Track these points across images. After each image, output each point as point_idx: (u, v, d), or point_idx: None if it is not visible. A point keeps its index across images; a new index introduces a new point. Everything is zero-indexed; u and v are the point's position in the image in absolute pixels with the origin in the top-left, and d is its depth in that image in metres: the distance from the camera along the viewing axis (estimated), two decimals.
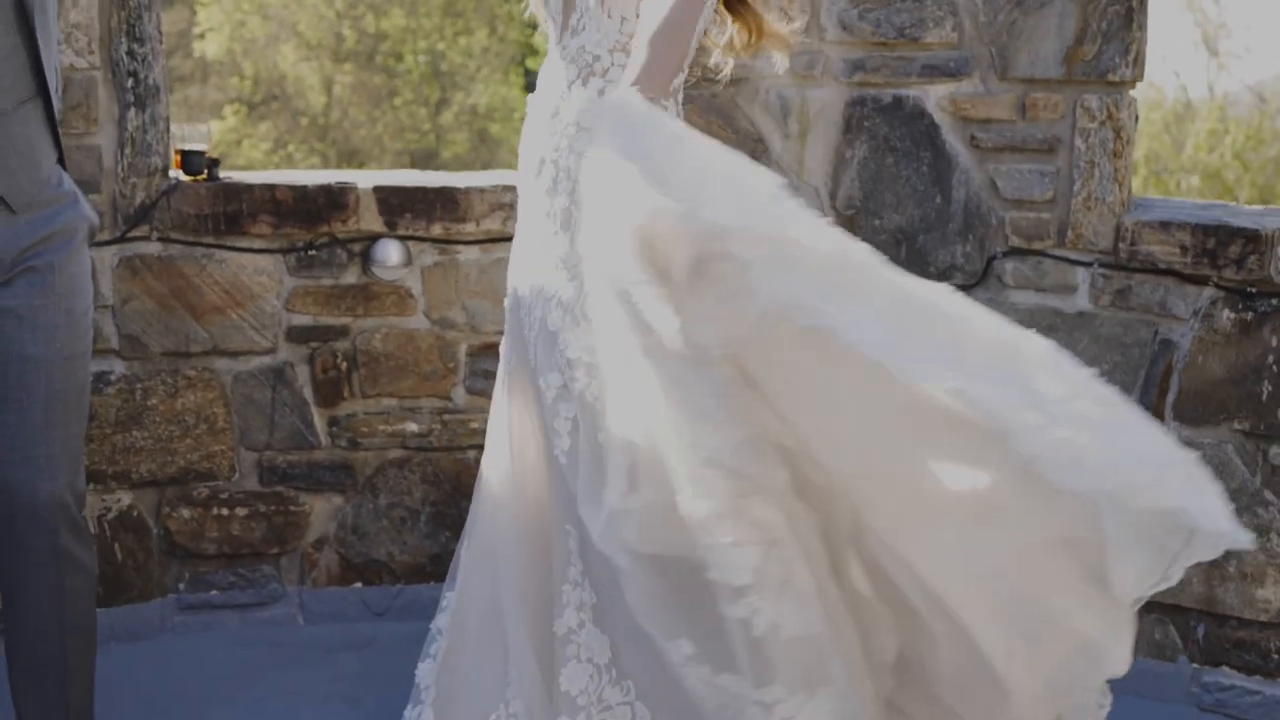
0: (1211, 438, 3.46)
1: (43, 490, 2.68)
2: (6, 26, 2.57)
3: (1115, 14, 3.45)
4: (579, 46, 2.63)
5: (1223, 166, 20.69)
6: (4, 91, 2.57)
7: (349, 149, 25.15)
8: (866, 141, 3.68)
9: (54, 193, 2.69)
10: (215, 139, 23.28)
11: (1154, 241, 3.45)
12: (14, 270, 2.63)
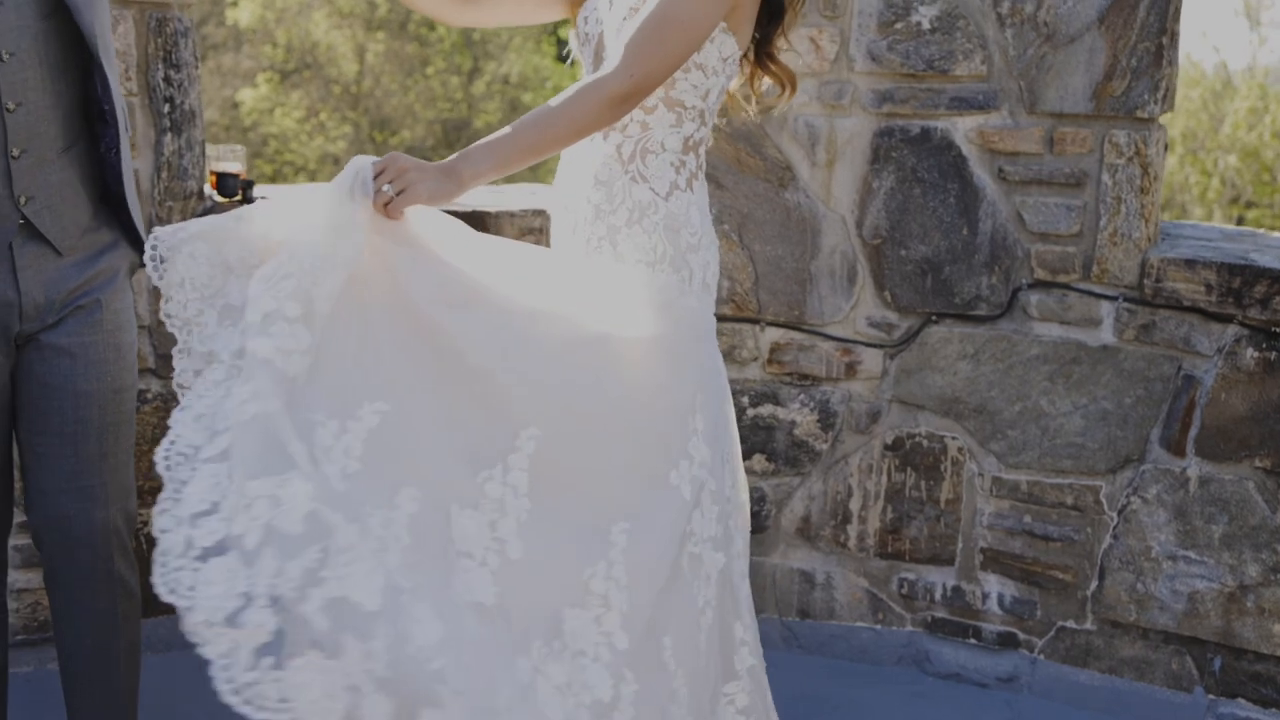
0: (1232, 474, 3.48)
1: (97, 518, 2.76)
2: (54, 73, 2.62)
3: (1145, 50, 3.46)
4: None
5: (1261, 146, 20.52)
6: (50, 139, 2.63)
7: (381, 118, 25.21)
8: (894, 172, 3.70)
9: (97, 233, 2.75)
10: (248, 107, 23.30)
11: (1179, 279, 3.47)
12: (63, 310, 2.69)
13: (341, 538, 1.92)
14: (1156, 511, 3.58)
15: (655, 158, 2.65)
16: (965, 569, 3.82)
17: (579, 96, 2.45)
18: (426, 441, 2.24)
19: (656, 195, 2.64)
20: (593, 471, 2.42)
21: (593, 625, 2.32)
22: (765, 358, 3.89)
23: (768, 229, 3.81)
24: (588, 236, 2.66)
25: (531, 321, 2.41)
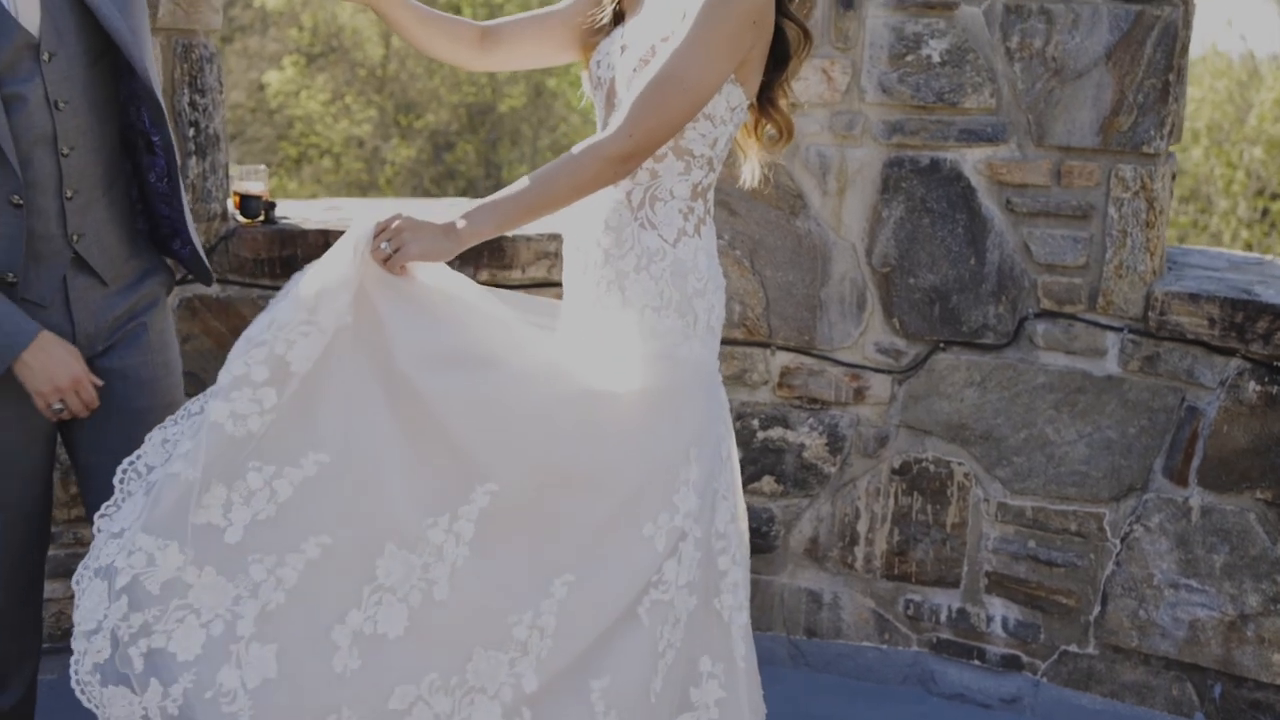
0: (1234, 505, 3.54)
1: None
2: (101, 115, 2.72)
3: (1151, 87, 3.50)
4: None
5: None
6: (97, 179, 2.72)
7: (406, 101, 25.25)
8: (903, 201, 3.75)
9: (138, 260, 2.86)
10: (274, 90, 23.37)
11: (1183, 312, 3.52)
12: (112, 337, 2.80)
13: (192, 597, 2.25)
14: (1159, 540, 3.63)
15: (664, 205, 2.70)
16: (970, 592, 3.89)
17: (580, 158, 2.52)
18: (372, 489, 2.36)
19: (665, 242, 2.69)
20: (549, 527, 2.50)
21: (505, 666, 2.44)
22: (775, 381, 3.95)
23: (779, 255, 3.87)
24: (597, 279, 2.71)
25: (513, 382, 2.48)
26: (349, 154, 24.21)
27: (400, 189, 26.01)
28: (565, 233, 2.85)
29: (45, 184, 2.63)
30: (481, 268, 3.94)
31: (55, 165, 2.64)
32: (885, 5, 3.67)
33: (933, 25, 3.64)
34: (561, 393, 2.53)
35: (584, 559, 2.51)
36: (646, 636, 2.56)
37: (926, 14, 3.64)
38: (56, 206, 2.65)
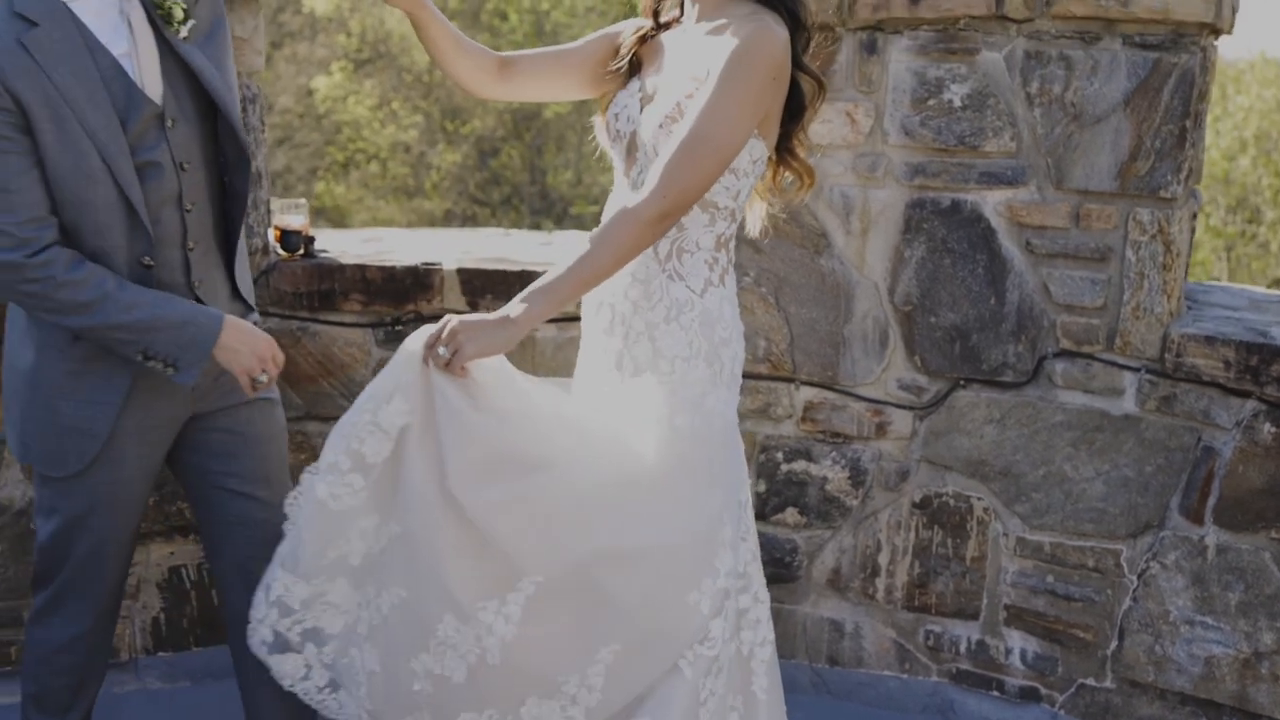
0: (1249, 544, 3.59)
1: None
2: (210, 170, 2.94)
3: (1169, 133, 3.56)
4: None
5: None
6: (210, 229, 2.97)
7: (451, 107, 25.39)
8: (925, 242, 3.82)
9: (237, 301, 3.10)
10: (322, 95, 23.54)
11: (1199, 355, 3.57)
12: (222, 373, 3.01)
13: (331, 597, 2.73)
14: (1175, 577, 3.69)
15: (690, 256, 2.79)
16: (990, 624, 3.95)
17: (619, 226, 2.60)
18: (430, 569, 2.59)
19: (693, 293, 2.78)
20: (595, 602, 2.62)
21: (557, 711, 2.64)
22: (799, 415, 4.03)
23: (803, 293, 3.95)
24: (626, 331, 2.80)
25: (555, 483, 2.61)
26: (395, 159, 24.38)
27: (446, 194, 26.17)
28: (591, 298, 2.92)
29: (172, 239, 2.85)
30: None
31: (180, 221, 2.86)
32: (908, 50, 3.75)
33: (954, 70, 3.71)
34: (603, 479, 2.64)
35: (630, 630, 2.65)
36: (689, 689, 2.71)
37: (948, 59, 3.71)
38: (181, 258, 2.88)
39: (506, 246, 4.55)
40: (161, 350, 2.78)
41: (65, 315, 2.72)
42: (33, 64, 2.62)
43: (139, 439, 2.94)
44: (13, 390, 2.95)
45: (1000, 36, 3.67)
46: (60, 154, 2.66)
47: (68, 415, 2.87)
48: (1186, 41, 3.51)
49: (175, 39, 2.80)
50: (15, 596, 3.85)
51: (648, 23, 2.93)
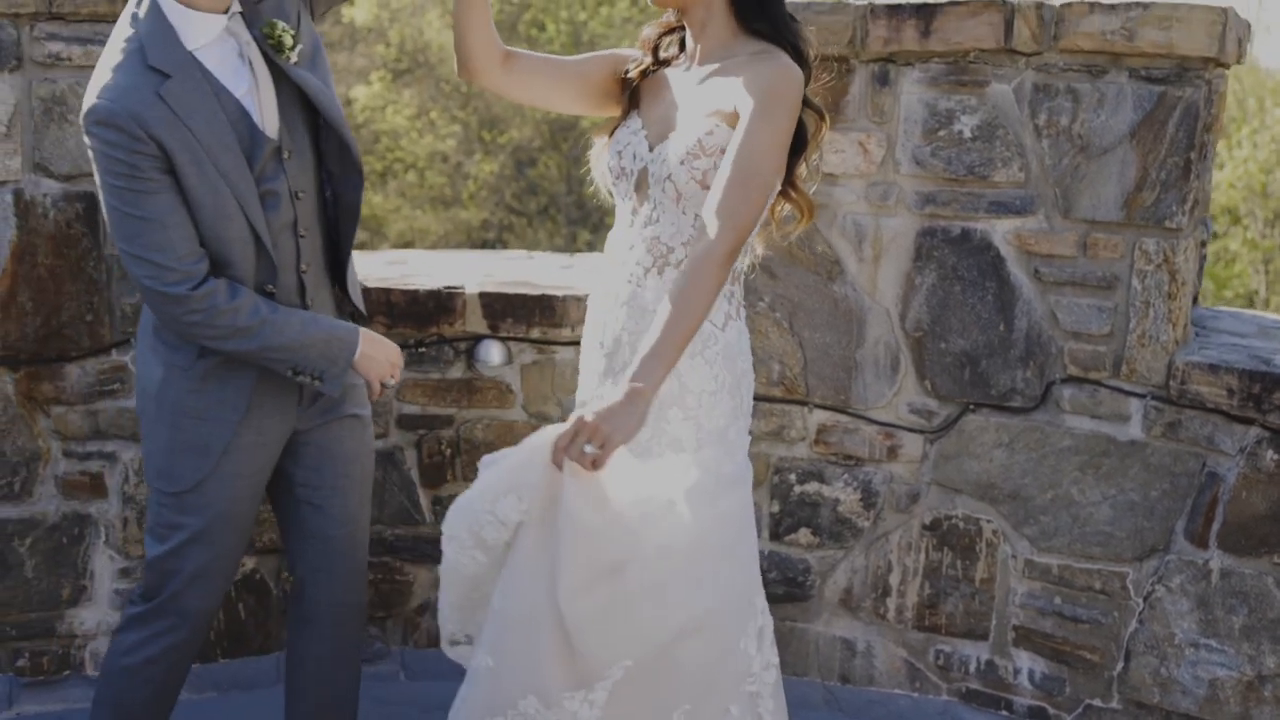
0: (1252, 568, 3.65)
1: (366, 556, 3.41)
2: (320, 197, 3.11)
3: (1174, 165, 3.63)
4: (653, 236, 2.85)
5: None
6: (320, 252, 3.14)
7: (489, 117, 25.53)
8: (935, 269, 3.91)
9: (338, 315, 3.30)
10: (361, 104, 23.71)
11: (1203, 382, 3.64)
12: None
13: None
14: (1180, 600, 3.76)
15: None
16: (998, 644, 4.03)
17: (701, 272, 2.63)
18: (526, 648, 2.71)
19: (715, 327, 2.86)
20: (670, 678, 2.74)
21: None
22: (812, 438, 4.12)
23: (817, 318, 4.04)
24: None
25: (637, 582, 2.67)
26: (433, 169, 24.53)
27: (483, 204, 26.29)
28: (595, 332, 2.98)
29: (288, 264, 3.03)
30: (533, 325, 4.14)
31: (295, 247, 3.04)
32: (919, 82, 3.83)
33: (964, 102, 3.79)
34: (672, 552, 2.69)
35: (696, 689, 2.76)
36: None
37: (959, 91, 3.80)
38: (296, 281, 3.06)
39: (529, 270, 4.66)
40: (310, 365, 2.99)
41: (225, 341, 2.90)
42: (171, 115, 2.78)
43: (251, 456, 3.09)
44: (141, 409, 3.12)
45: (1009, 69, 3.75)
46: (201, 195, 2.83)
47: (187, 432, 3.03)
48: (1191, 75, 3.58)
49: (288, 65, 2.97)
50: (48, 608, 3.98)
51: (647, 58, 3.00)
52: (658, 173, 2.82)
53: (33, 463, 3.91)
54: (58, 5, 3.72)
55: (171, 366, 3.01)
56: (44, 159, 3.79)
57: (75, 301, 3.87)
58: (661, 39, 3.00)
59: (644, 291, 2.86)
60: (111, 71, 2.79)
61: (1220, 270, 20.98)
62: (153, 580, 3.14)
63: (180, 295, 2.83)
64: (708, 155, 2.76)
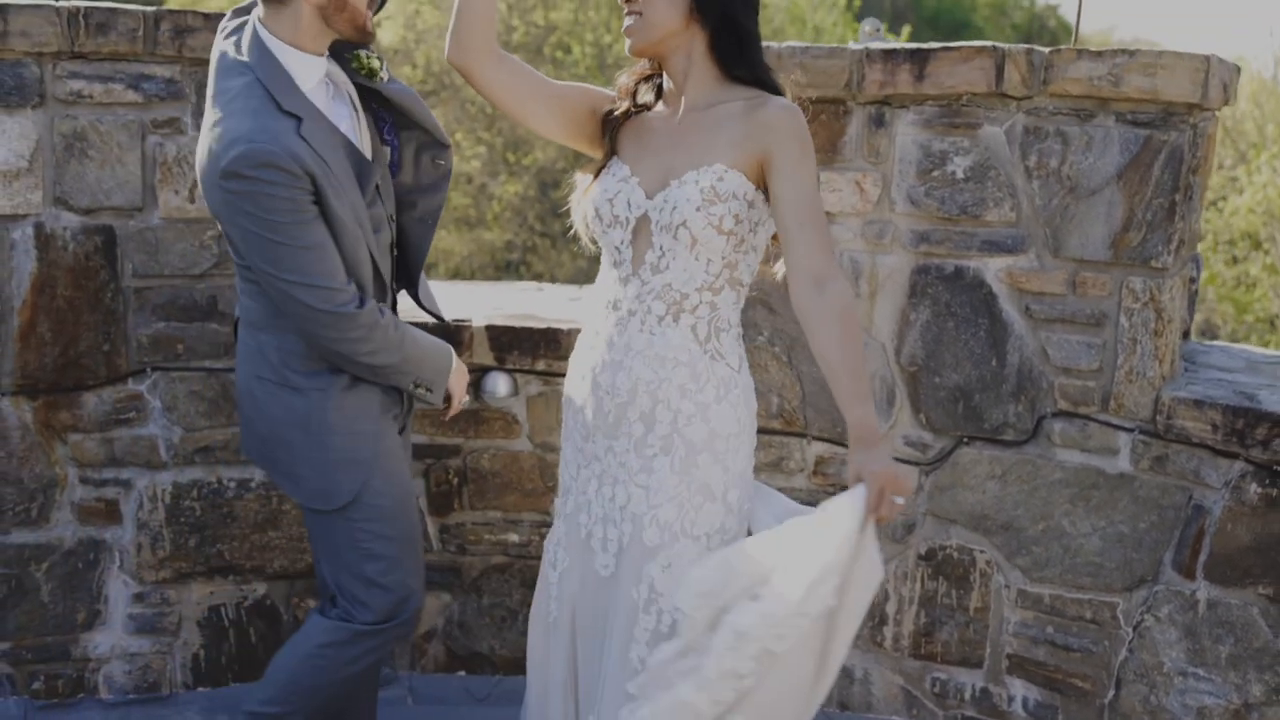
0: (1238, 599, 3.73)
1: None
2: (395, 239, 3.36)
3: (1159, 206, 3.72)
4: (664, 284, 2.91)
5: None
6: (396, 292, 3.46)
7: (514, 139, 25.66)
8: (930, 306, 4.00)
9: None
10: None
11: (1188, 418, 3.72)
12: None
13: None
14: (1168, 629, 3.84)
15: (725, 334, 2.96)
16: (993, 672, 4.11)
17: (842, 309, 2.77)
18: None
19: (733, 370, 2.97)
20: None
21: None
22: (811, 469, 4.21)
23: None
24: (675, 414, 2.91)
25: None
26: (457, 189, 24.66)
27: (507, 225, 26.42)
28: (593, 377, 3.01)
29: (385, 284, 3.30)
30: (539, 357, 4.25)
31: (391, 266, 3.33)
32: (914, 124, 3.93)
33: (957, 143, 3.89)
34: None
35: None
36: None
37: (952, 133, 3.89)
38: (391, 299, 3.38)
39: (537, 303, 4.77)
40: (425, 377, 3.27)
41: (377, 354, 3.14)
42: (314, 152, 2.99)
43: (396, 460, 3.33)
44: (281, 439, 3.26)
45: (1001, 112, 3.84)
46: (341, 223, 3.06)
47: (338, 450, 3.22)
48: (1176, 120, 3.68)
49: (385, 86, 3.24)
50: (63, 632, 4.10)
51: (626, 103, 3.06)
52: (666, 220, 2.87)
53: (50, 489, 4.03)
54: (80, 44, 3.85)
55: (312, 391, 3.20)
56: (64, 193, 3.92)
57: (93, 332, 3.99)
58: (639, 85, 3.07)
59: (661, 340, 2.92)
60: (252, 117, 2.96)
61: (1241, 295, 20.99)
62: (383, 599, 3.31)
63: (350, 314, 3.04)
64: (723, 201, 2.84)
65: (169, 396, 4.08)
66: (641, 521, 2.93)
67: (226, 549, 4.19)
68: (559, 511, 3.19)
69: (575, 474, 3.11)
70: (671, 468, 2.92)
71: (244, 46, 3.06)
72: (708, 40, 2.92)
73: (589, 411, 3.03)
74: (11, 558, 4.01)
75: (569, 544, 3.12)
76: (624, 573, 2.96)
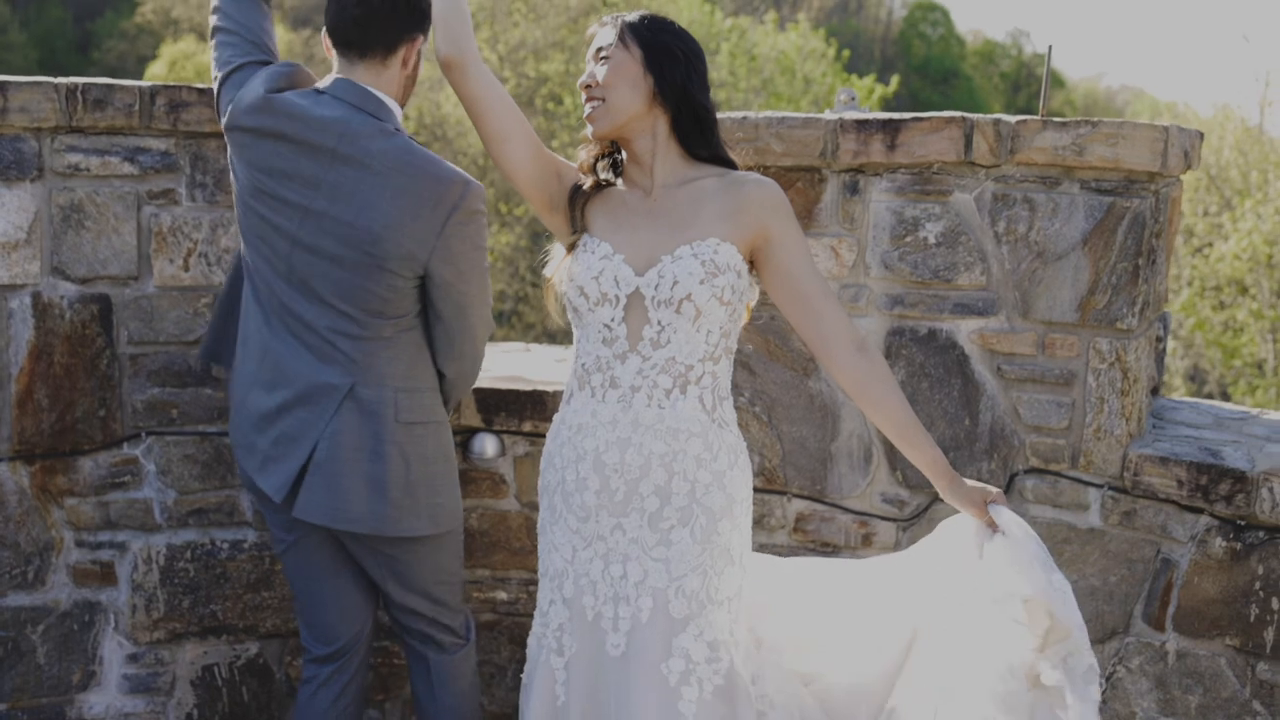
0: (1206, 650, 3.83)
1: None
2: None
3: (1124, 270, 3.84)
4: (667, 358, 2.99)
5: None
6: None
7: (506, 190, 25.82)
8: (904, 366, 4.11)
9: None
10: None
11: (1154, 474, 3.83)
12: None
13: None
14: (1139, 680, 3.93)
15: (725, 402, 3.08)
16: None
17: (890, 377, 3.07)
18: None
19: (737, 437, 3.09)
20: None
21: None
22: (791, 526, 4.31)
23: (794, 412, 4.24)
24: (693, 484, 3.00)
25: None
26: None
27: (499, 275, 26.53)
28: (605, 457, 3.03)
29: None
30: (526, 419, 4.35)
31: None
32: (887, 191, 4.05)
33: (929, 210, 4.02)
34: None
35: None
36: None
37: (924, 200, 4.02)
38: None
39: (525, 364, 4.88)
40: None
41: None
42: None
43: None
44: (431, 478, 3.48)
45: (970, 180, 3.97)
46: None
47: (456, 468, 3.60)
48: (1138, 187, 3.80)
49: None
50: (58, 693, 4.18)
51: (588, 179, 3.16)
52: (666, 295, 2.96)
53: (46, 552, 4.12)
54: (78, 119, 3.97)
55: (445, 421, 3.58)
56: (62, 263, 4.03)
57: (89, 397, 4.10)
58: (598, 162, 3.17)
59: (672, 413, 3.00)
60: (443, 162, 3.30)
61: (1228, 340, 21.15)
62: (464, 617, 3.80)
63: None
64: (722, 273, 2.96)
65: (163, 460, 4.19)
66: (665, 595, 2.98)
67: (220, 609, 4.28)
68: (553, 598, 3.15)
69: (572, 557, 3.10)
70: (693, 537, 2.99)
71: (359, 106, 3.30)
72: (669, 122, 3.04)
73: (589, 492, 3.05)
74: (8, 620, 4.10)
75: (574, 628, 3.09)
76: (640, 650, 2.99)
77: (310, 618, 3.67)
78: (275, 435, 3.40)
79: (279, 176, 3.30)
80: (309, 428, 3.35)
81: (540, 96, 28.66)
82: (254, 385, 3.43)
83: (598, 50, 3.06)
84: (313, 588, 3.63)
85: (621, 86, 2.99)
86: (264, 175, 3.33)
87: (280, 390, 3.38)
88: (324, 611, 3.64)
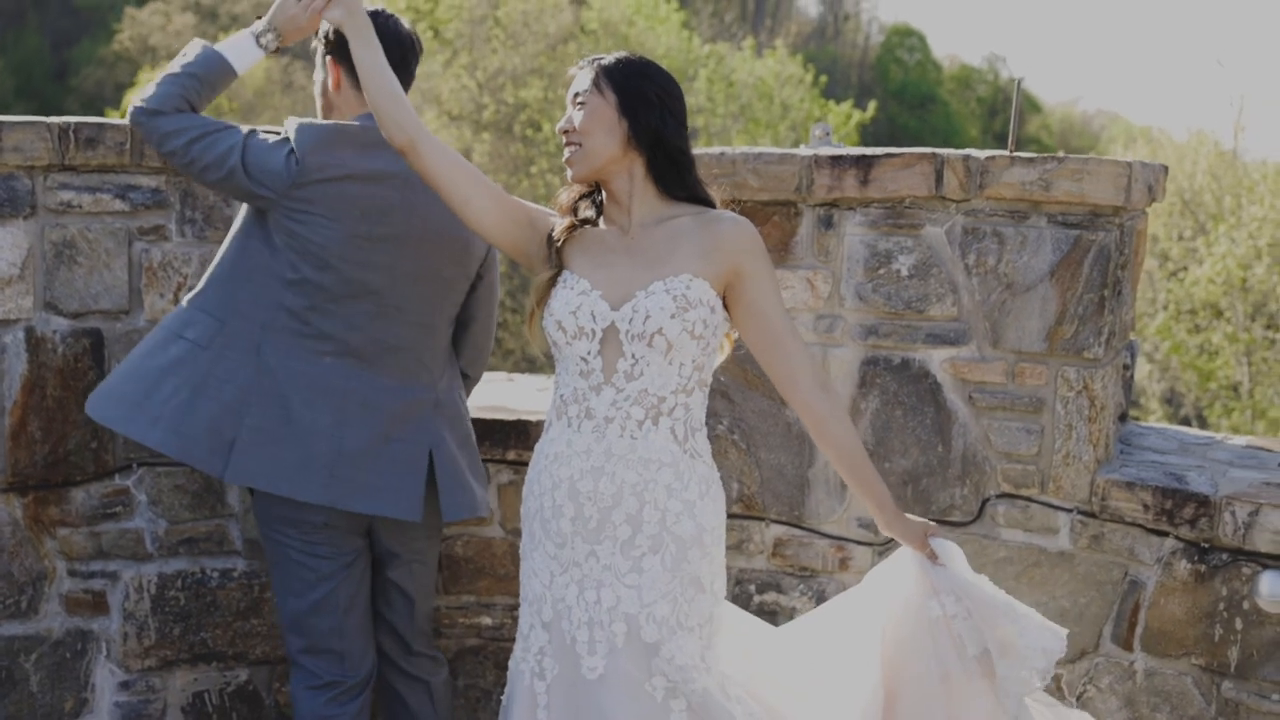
0: (1173, 669, 3.94)
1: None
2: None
3: (1090, 301, 3.96)
4: (640, 390, 3.08)
5: None
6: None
7: None
8: (878, 395, 4.22)
9: None
10: None
11: (1121, 498, 3.95)
12: None
13: None
14: (1109, 699, 4.04)
15: (698, 434, 3.16)
16: None
17: (845, 416, 3.21)
18: None
19: (709, 466, 3.17)
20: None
21: None
22: (769, 551, 4.41)
23: (771, 439, 4.35)
24: (663, 513, 3.07)
25: None
26: None
27: None
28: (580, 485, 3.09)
29: None
30: (509, 447, 4.45)
31: None
32: (861, 225, 4.17)
33: (901, 243, 4.13)
34: None
35: None
36: None
37: (896, 233, 4.13)
38: None
39: (507, 393, 4.98)
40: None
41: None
42: None
43: None
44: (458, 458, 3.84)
45: (941, 214, 4.08)
46: None
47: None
48: (1103, 221, 3.92)
49: None
50: None
51: (568, 219, 3.21)
52: (639, 329, 3.04)
53: (39, 582, 4.20)
54: (70, 158, 4.07)
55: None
56: (54, 298, 4.12)
57: (81, 430, 4.18)
58: (579, 202, 3.25)
59: (644, 443, 3.08)
60: None
61: (1203, 363, 21.33)
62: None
63: None
64: (694, 308, 3.05)
65: (154, 491, 4.27)
66: (637, 620, 3.06)
67: (210, 636, 4.36)
68: (533, 622, 3.22)
69: (549, 582, 3.16)
70: (663, 565, 3.07)
71: None
72: (645, 164, 3.14)
73: (565, 519, 3.13)
74: (2, 649, 4.17)
75: (555, 651, 3.16)
76: (618, 672, 3.07)
77: (347, 645, 3.78)
78: (388, 458, 3.66)
79: (374, 215, 3.56)
80: (417, 443, 3.70)
81: (519, 123, 28.74)
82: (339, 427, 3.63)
83: (575, 95, 3.15)
84: (354, 611, 3.80)
85: (597, 132, 3.09)
86: (357, 218, 3.55)
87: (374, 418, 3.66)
88: (360, 635, 3.82)
